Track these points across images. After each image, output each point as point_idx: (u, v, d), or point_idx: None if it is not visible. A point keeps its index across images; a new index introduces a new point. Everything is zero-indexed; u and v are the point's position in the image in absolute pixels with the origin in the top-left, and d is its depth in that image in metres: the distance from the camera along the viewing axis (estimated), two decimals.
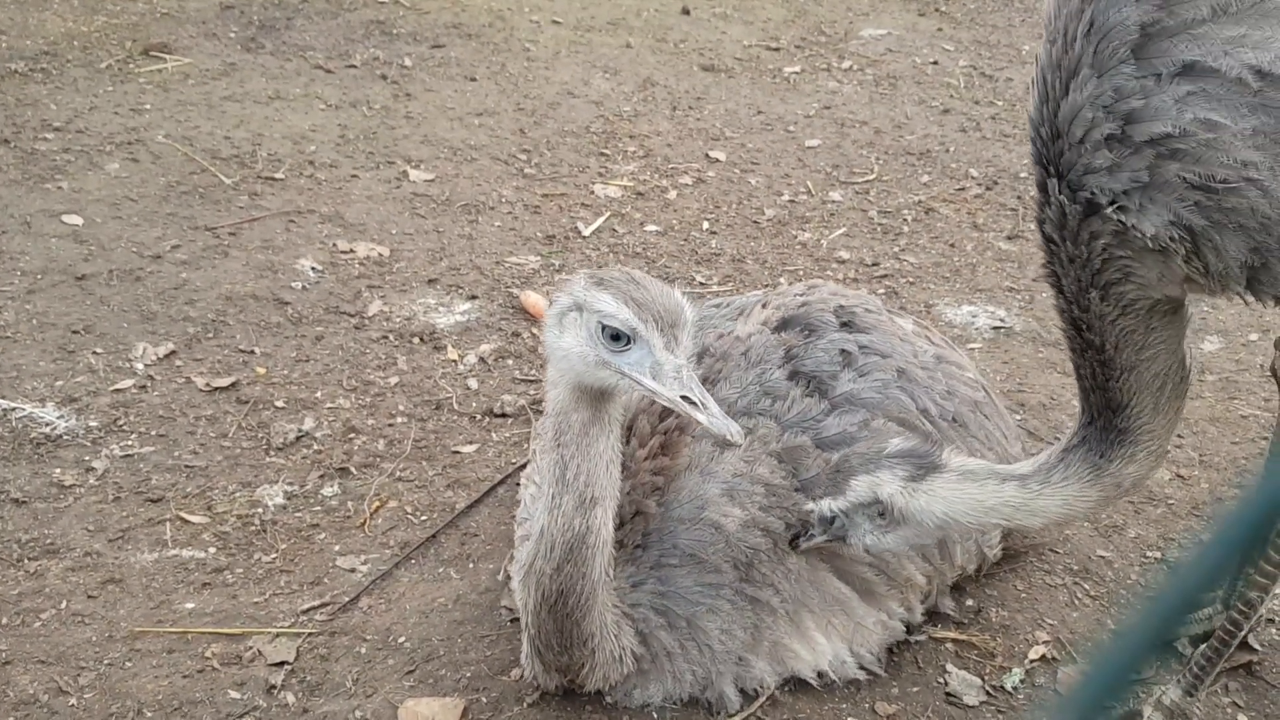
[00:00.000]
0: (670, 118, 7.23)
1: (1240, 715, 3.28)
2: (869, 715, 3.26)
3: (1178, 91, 2.18)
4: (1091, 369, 2.63)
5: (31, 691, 3.22)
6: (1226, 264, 2.30)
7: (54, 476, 3.98)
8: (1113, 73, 2.24)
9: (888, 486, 2.84)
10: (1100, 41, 2.24)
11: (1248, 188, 2.18)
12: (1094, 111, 2.27)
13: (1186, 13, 2.16)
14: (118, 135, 6.36)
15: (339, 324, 4.98)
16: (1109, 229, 2.38)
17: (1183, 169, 2.22)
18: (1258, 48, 2.11)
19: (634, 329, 2.58)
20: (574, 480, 2.81)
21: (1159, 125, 2.20)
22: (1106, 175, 2.31)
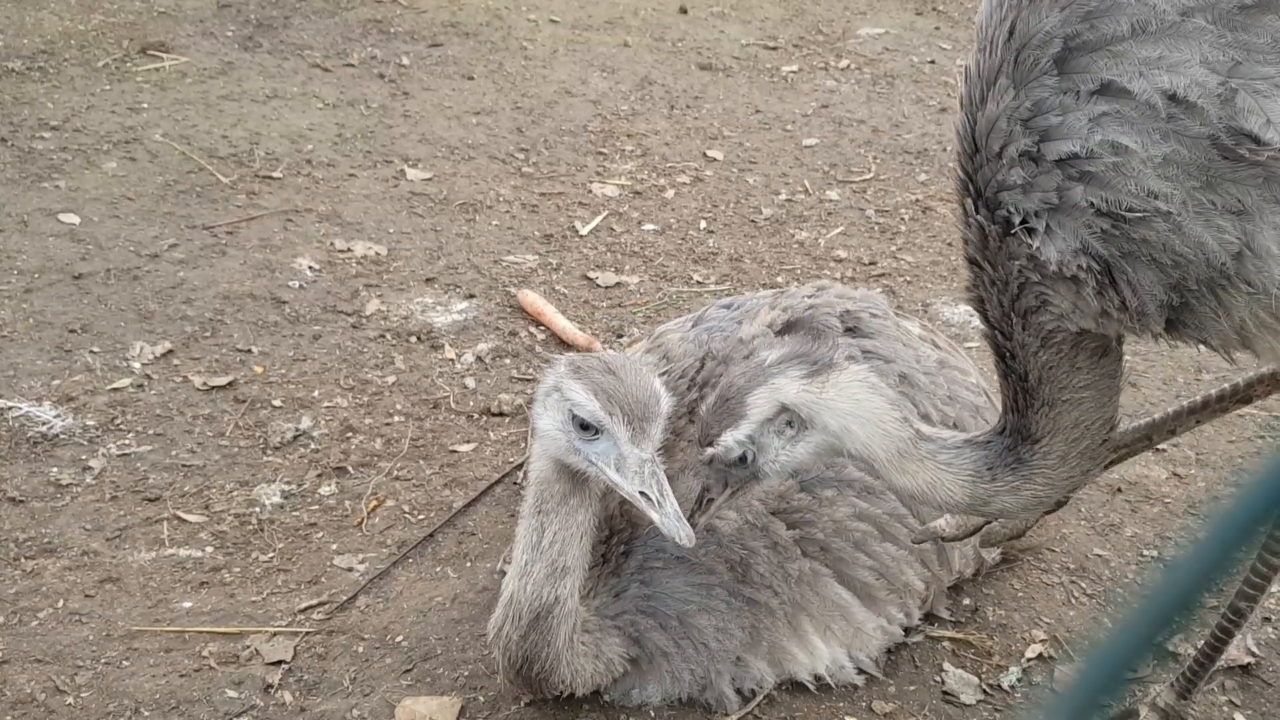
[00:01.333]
0: (668, 117, 7.24)
1: (1237, 714, 3.29)
2: (866, 714, 3.26)
3: (1093, 110, 2.05)
4: (1014, 393, 2.51)
5: (29, 690, 3.22)
6: (1142, 301, 2.16)
7: (51, 475, 3.98)
8: (1033, 85, 2.11)
9: (790, 388, 2.60)
10: (1021, 50, 2.11)
11: (1157, 220, 2.05)
12: (1011, 125, 2.15)
13: (1107, 27, 2.02)
14: (115, 134, 6.36)
15: (336, 323, 4.97)
16: (1024, 251, 2.24)
17: (1089, 193, 2.09)
18: (1173, 70, 1.97)
19: (600, 421, 2.64)
20: (548, 548, 2.86)
21: (1069, 144, 2.08)
22: (1020, 193, 2.18)
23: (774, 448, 2.68)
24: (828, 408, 2.60)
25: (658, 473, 2.62)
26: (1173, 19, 1.97)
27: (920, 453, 2.61)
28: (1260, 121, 1.90)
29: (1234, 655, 3.43)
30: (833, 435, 2.64)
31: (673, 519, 2.59)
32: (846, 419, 2.60)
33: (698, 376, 3.32)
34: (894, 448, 2.60)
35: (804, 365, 2.63)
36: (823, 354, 2.67)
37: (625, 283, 5.44)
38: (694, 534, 2.59)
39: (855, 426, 2.60)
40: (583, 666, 3.05)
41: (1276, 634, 3.55)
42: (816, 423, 2.63)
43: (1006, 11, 2.17)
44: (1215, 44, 1.95)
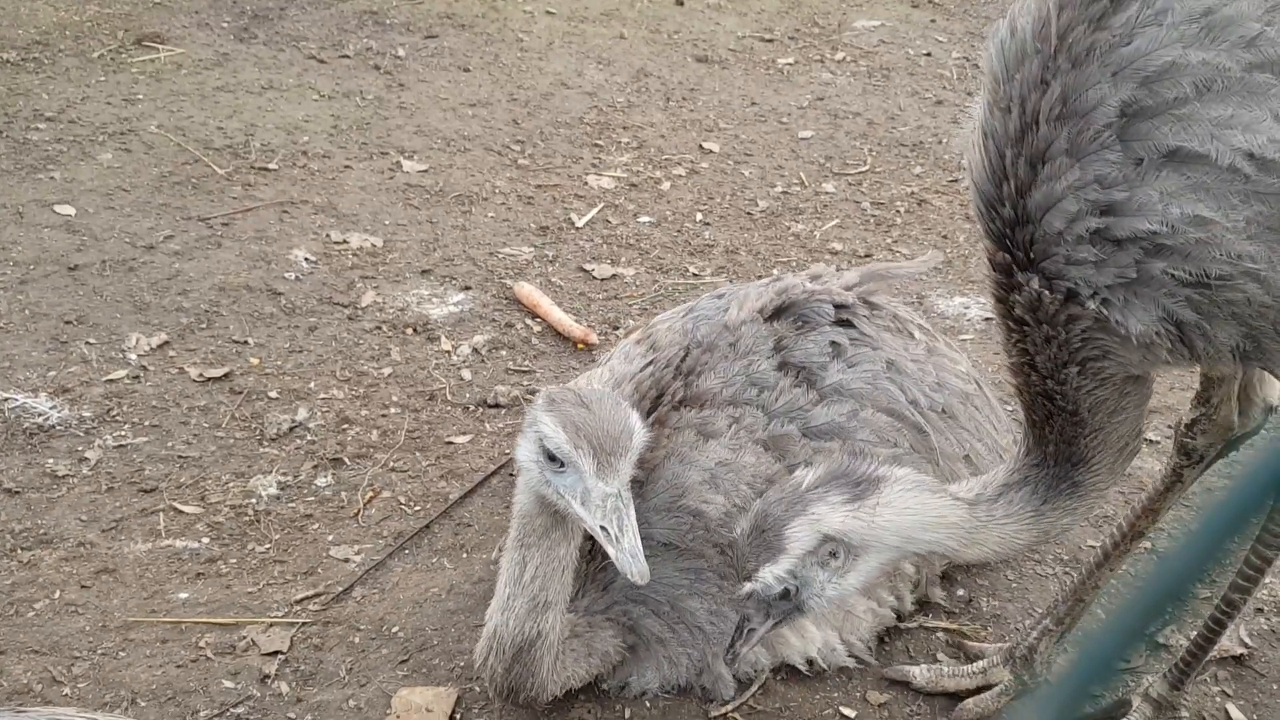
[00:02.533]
0: (664, 109, 7.23)
1: (1230, 705, 3.31)
2: (860, 704, 3.28)
3: (1165, 184, 1.99)
4: (1060, 429, 2.48)
5: (25, 681, 3.23)
6: (1217, 349, 2.16)
7: (47, 467, 3.98)
8: (1093, 159, 2.03)
9: (834, 517, 2.48)
10: (1077, 122, 2.03)
11: (1245, 281, 2.01)
12: (1077, 204, 2.07)
13: (1168, 91, 1.96)
14: (110, 125, 6.35)
15: (332, 315, 4.97)
16: (1091, 314, 2.19)
17: (1171, 266, 2.04)
18: (1248, 130, 1.92)
19: (566, 454, 2.66)
20: (530, 583, 2.89)
21: (1144, 223, 2.01)
22: (1092, 270, 2.12)
23: (819, 581, 2.57)
24: (885, 530, 2.50)
25: (620, 507, 2.63)
26: (1238, 75, 1.93)
27: (981, 521, 2.58)
28: None
29: (1227, 646, 3.45)
30: (894, 550, 2.57)
31: (627, 555, 2.59)
32: (908, 533, 2.52)
33: (682, 365, 3.33)
34: (961, 534, 2.57)
35: (845, 488, 2.51)
36: (864, 471, 2.56)
37: (621, 275, 5.44)
38: (647, 571, 2.60)
39: (918, 534, 2.54)
40: (574, 672, 3.08)
41: (1269, 625, 3.57)
42: (873, 547, 2.53)
43: (1043, 73, 2.08)
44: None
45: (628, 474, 2.68)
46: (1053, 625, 3.25)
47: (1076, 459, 2.53)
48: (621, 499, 2.64)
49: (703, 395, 3.24)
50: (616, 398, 2.84)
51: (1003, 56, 2.17)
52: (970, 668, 3.34)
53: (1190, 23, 1.95)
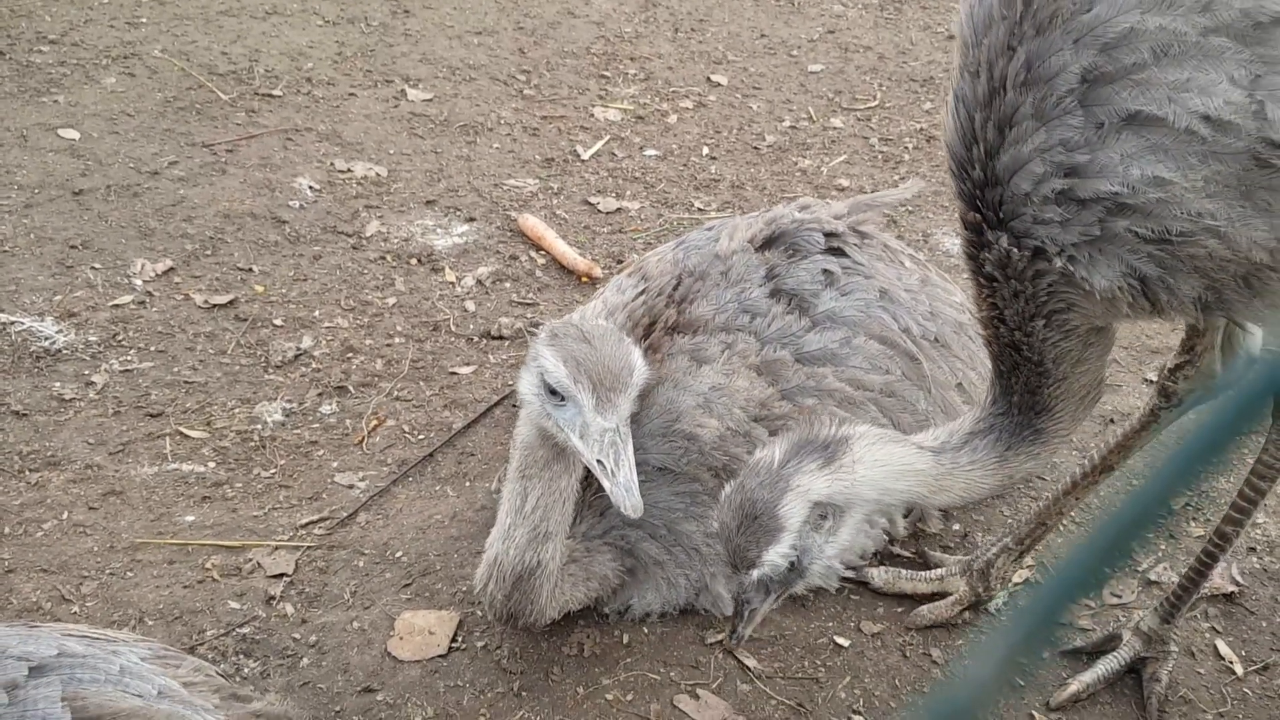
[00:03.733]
0: (672, 40, 7.15)
1: (1219, 640, 3.36)
2: (854, 634, 3.34)
3: (1124, 145, 2.06)
4: (1025, 379, 2.57)
5: (34, 599, 3.29)
6: (1180, 301, 2.23)
7: (54, 390, 4.02)
8: (1057, 123, 2.11)
9: (817, 484, 2.56)
10: (1042, 88, 2.10)
11: (1206, 237, 2.09)
12: (1042, 166, 2.15)
13: (1127, 57, 2.02)
14: (114, 49, 6.29)
15: (337, 244, 4.97)
16: (1057, 270, 2.28)
17: (1134, 224, 2.12)
18: (1204, 92, 1.98)
19: (566, 388, 2.68)
20: (531, 513, 2.92)
21: (1105, 184, 2.09)
22: (1058, 229, 2.21)
23: (816, 545, 2.64)
24: (863, 484, 2.59)
25: (617, 441, 2.66)
26: (1194, 39, 1.97)
27: (946, 468, 2.67)
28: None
29: (1218, 584, 3.50)
30: (873, 503, 2.65)
31: (622, 488, 2.62)
32: (883, 484, 2.61)
33: (675, 292, 3.34)
34: (929, 480, 2.66)
35: (817, 455, 2.59)
36: (828, 435, 2.63)
37: (626, 208, 5.42)
38: (641, 505, 2.62)
39: (892, 484, 2.63)
40: (573, 596, 3.13)
41: (1261, 564, 3.62)
42: (855, 503, 2.62)
43: (1010, 39, 2.14)
44: (1237, 60, 1.96)
45: (627, 409, 2.70)
46: (1012, 544, 3.34)
47: (1040, 407, 2.62)
48: (620, 434, 2.66)
49: (695, 322, 3.26)
50: (619, 333, 2.85)
51: (972, 22, 2.23)
52: (928, 574, 3.45)
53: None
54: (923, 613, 3.38)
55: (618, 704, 3.10)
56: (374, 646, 3.21)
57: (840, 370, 3.25)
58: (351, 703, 3.06)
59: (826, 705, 3.13)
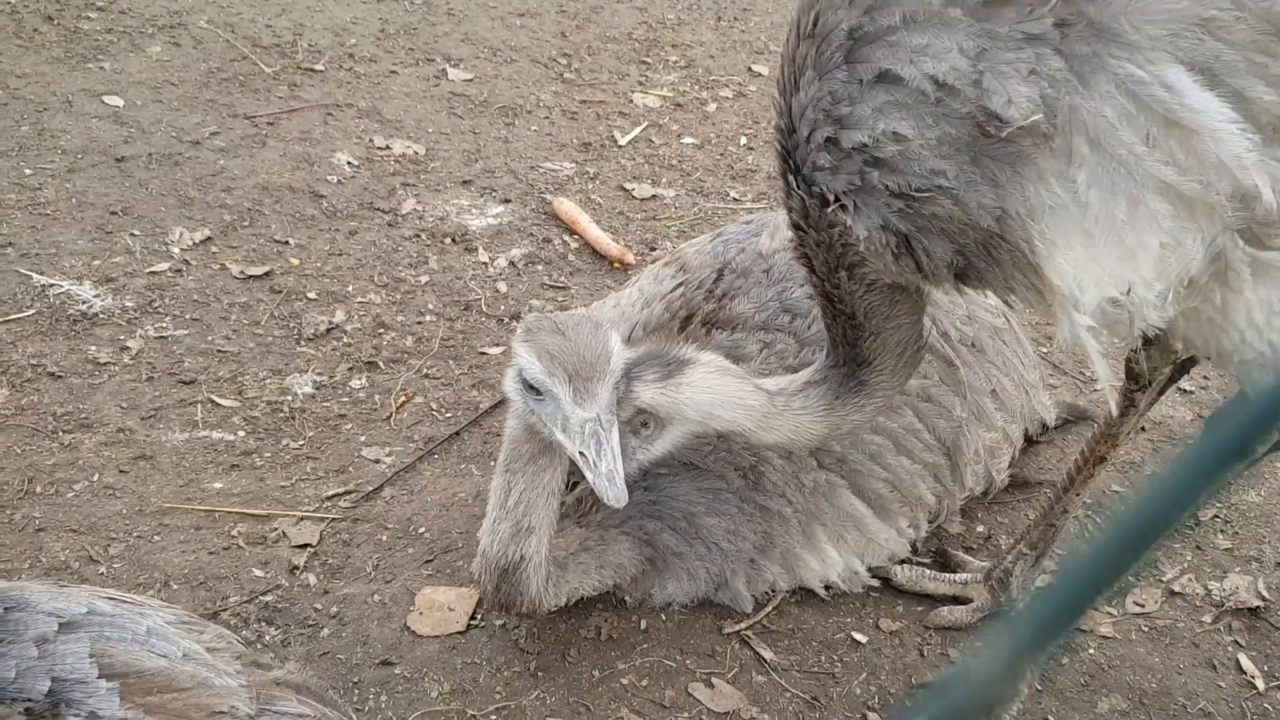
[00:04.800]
0: (714, 28, 7.12)
1: (1241, 654, 3.33)
2: (873, 630, 3.33)
3: (875, 100, 2.20)
4: (843, 330, 2.71)
5: (63, 559, 3.34)
6: (935, 264, 2.34)
7: (89, 353, 4.07)
8: (829, 76, 2.25)
9: (646, 392, 2.77)
10: (821, 43, 2.25)
11: (940, 196, 2.20)
12: (816, 113, 2.29)
13: (884, 19, 2.16)
14: (160, 18, 6.34)
15: (372, 220, 5.00)
16: (840, 220, 2.41)
17: (883, 177, 2.25)
18: (936, 58, 2.11)
19: (542, 383, 2.66)
20: (514, 508, 2.92)
21: (859, 134, 2.23)
22: (829, 175, 2.34)
23: (630, 446, 2.85)
24: (687, 404, 2.79)
25: (599, 431, 2.62)
26: (936, 9, 2.11)
27: (778, 409, 2.83)
28: (1002, 101, 2.07)
29: (1243, 598, 3.47)
30: (695, 424, 2.85)
31: (604, 479, 2.60)
32: (707, 408, 2.80)
33: (715, 287, 3.32)
34: (757, 416, 2.82)
35: (658, 367, 2.79)
36: (676, 354, 2.82)
37: (661, 195, 5.42)
38: (624, 495, 2.60)
39: (718, 411, 2.80)
40: (582, 583, 3.14)
41: None
42: (677, 418, 2.83)
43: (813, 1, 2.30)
44: (968, 32, 2.09)
45: (607, 397, 2.65)
46: (1026, 549, 3.35)
47: (861, 359, 2.77)
48: (601, 423, 2.63)
49: (735, 318, 3.24)
50: (596, 322, 2.81)
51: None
52: (952, 577, 3.47)
53: None
54: (942, 614, 3.38)
55: (633, 689, 3.11)
56: (394, 620, 3.24)
57: None
58: (370, 674, 3.09)
59: (841, 700, 3.13)
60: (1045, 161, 2.11)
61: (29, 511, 3.47)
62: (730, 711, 3.07)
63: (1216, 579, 3.56)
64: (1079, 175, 2.08)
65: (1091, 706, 3.16)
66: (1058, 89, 2.05)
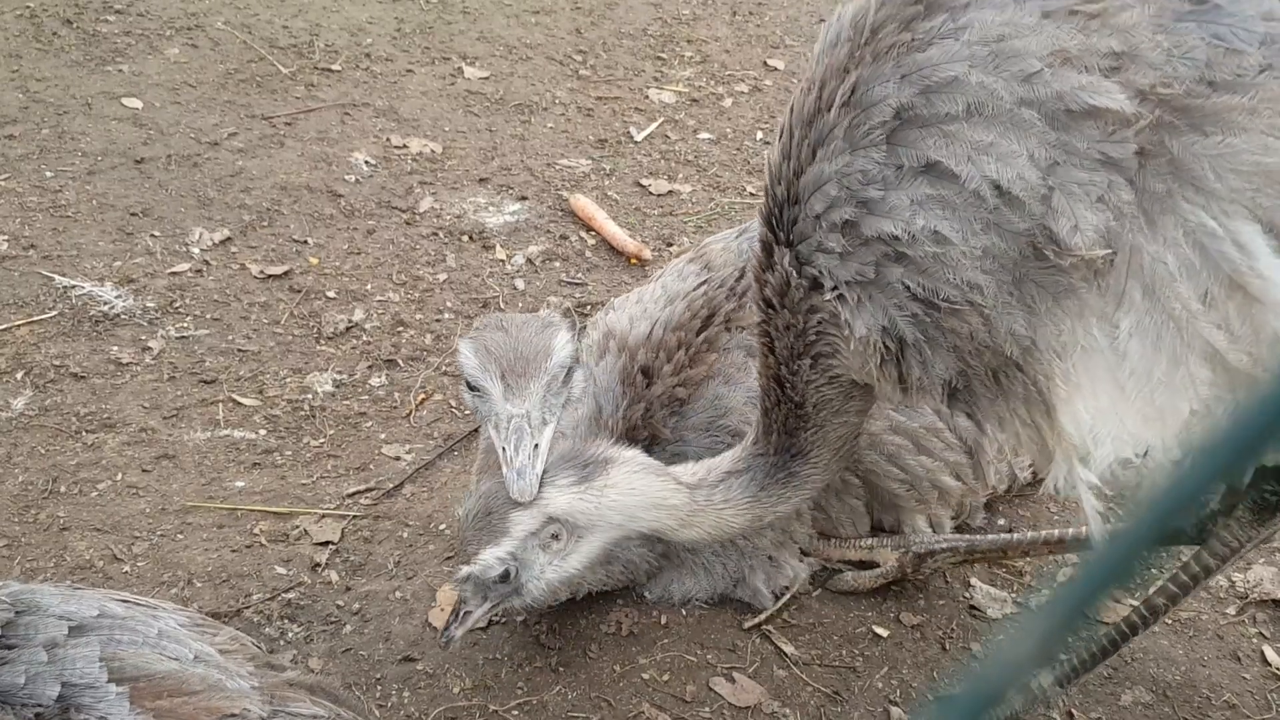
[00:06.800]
0: (730, 23, 7.11)
1: (1266, 646, 3.31)
2: (894, 624, 3.32)
3: (916, 191, 2.01)
4: (784, 418, 2.56)
5: (88, 557, 3.37)
6: (930, 379, 2.17)
7: (111, 354, 4.10)
8: (862, 153, 2.06)
9: (560, 499, 2.52)
10: (858, 114, 2.06)
11: (970, 313, 2.04)
12: (838, 190, 2.10)
13: (942, 105, 1.98)
14: (178, 20, 6.38)
15: (390, 218, 5.02)
16: (827, 308, 2.25)
17: (907, 276, 2.07)
18: (1002, 160, 1.94)
19: (477, 379, 2.61)
20: None
21: (890, 224, 2.04)
22: (836, 260, 2.16)
23: (539, 563, 2.61)
24: (610, 510, 2.55)
25: (524, 428, 2.54)
26: (1008, 106, 1.93)
27: (699, 504, 2.64)
28: (1068, 226, 1.91)
29: (1268, 589, 3.44)
30: (616, 529, 2.62)
31: (513, 474, 2.50)
32: (631, 511, 2.57)
33: (737, 285, 3.31)
34: (679, 516, 2.63)
35: (573, 470, 2.56)
36: (593, 454, 2.60)
37: (678, 191, 5.42)
38: (530, 489, 2.50)
39: (641, 513, 2.59)
40: (589, 579, 3.13)
41: None
42: (597, 527, 2.59)
43: (848, 61, 2.11)
44: (1042, 140, 1.92)
45: (542, 395, 2.59)
46: (962, 546, 3.28)
47: (796, 450, 2.62)
48: (529, 419, 2.56)
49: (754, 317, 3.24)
50: (546, 320, 2.76)
51: (824, 39, 2.22)
52: (860, 542, 3.36)
53: (983, 45, 1.97)
54: (845, 578, 3.36)
55: (654, 684, 3.11)
56: (415, 616, 3.26)
57: None
58: (392, 671, 3.10)
59: (863, 695, 3.13)
60: (1091, 299, 1.94)
61: (53, 511, 3.50)
62: (751, 706, 3.07)
63: (1240, 571, 3.53)
64: (1123, 321, 1.92)
65: (1115, 699, 3.14)
66: (1122, 224, 1.89)
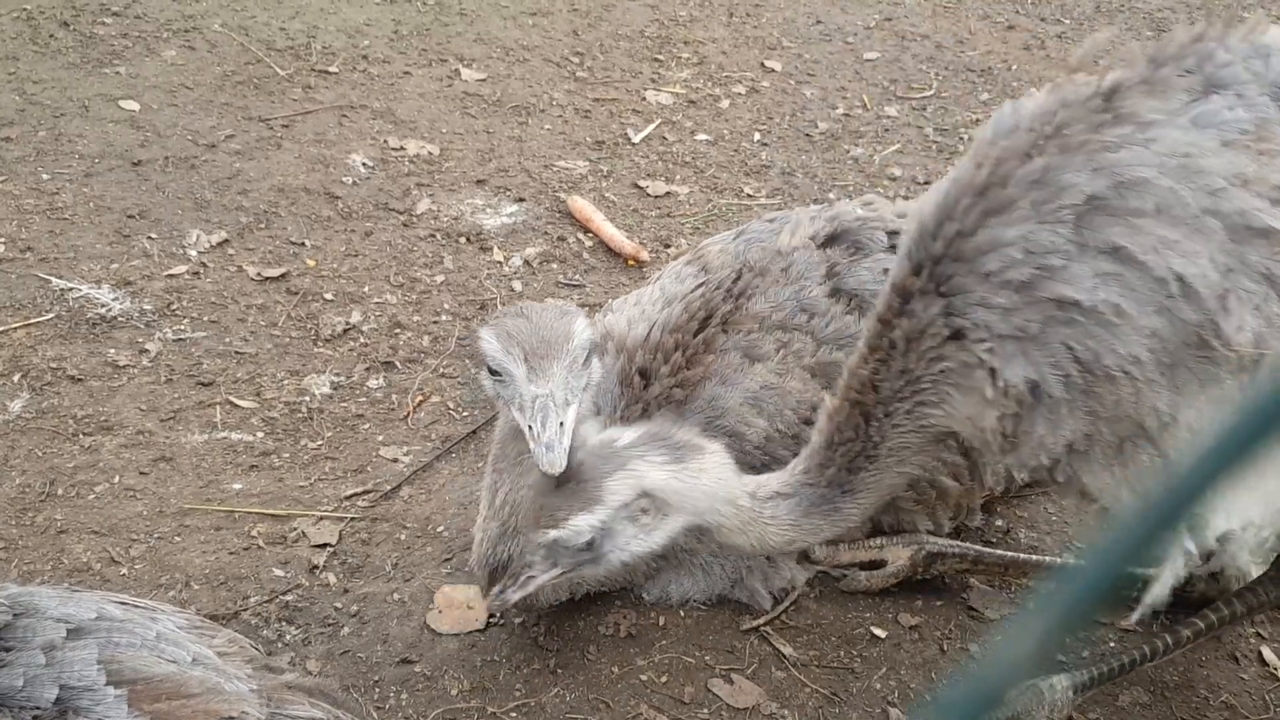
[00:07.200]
0: (726, 24, 7.12)
1: (1264, 646, 3.32)
2: (893, 625, 3.32)
3: (1100, 268, 2.24)
4: (853, 455, 2.63)
5: (85, 560, 3.37)
6: (1054, 438, 2.34)
7: (109, 356, 4.10)
8: (1049, 227, 2.27)
9: (657, 475, 2.53)
10: (1049, 193, 2.27)
11: (1125, 382, 2.23)
12: (1019, 254, 2.29)
13: (1134, 200, 2.21)
14: (175, 22, 6.37)
15: (388, 220, 5.02)
16: (960, 358, 2.40)
17: (1073, 339, 2.27)
18: (1187, 258, 2.18)
19: (500, 362, 2.63)
20: (500, 508, 2.92)
21: (1071, 290, 2.25)
22: (999, 315, 2.33)
23: (626, 534, 2.60)
24: (700, 493, 2.57)
25: (549, 406, 2.55)
26: (1194, 212, 2.18)
27: (754, 514, 2.69)
28: (1235, 325, 2.15)
29: None
30: (697, 515, 2.62)
31: (542, 449, 2.50)
32: (714, 501, 2.59)
33: (734, 287, 3.30)
34: (743, 519, 2.67)
35: (665, 449, 2.56)
36: (681, 438, 2.60)
37: (675, 192, 5.42)
38: (559, 462, 2.49)
39: (720, 506, 2.61)
40: (584, 579, 3.14)
41: None
42: (685, 508, 2.59)
43: (1030, 148, 2.33)
44: (1222, 248, 2.18)
45: (564, 377, 2.60)
46: (972, 554, 3.34)
47: (849, 489, 2.70)
48: (554, 399, 2.56)
49: (751, 318, 3.23)
50: (565, 309, 2.77)
51: (996, 127, 2.44)
52: (869, 542, 3.37)
53: (1172, 157, 2.23)
54: (859, 578, 3.37)
55: (652, 685, 3.11)
56: (413, 618, 3.26)
57: None
58: (390, 673, 3.10)
59: (861, 696, 3.13)
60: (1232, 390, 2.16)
61: (51, 514, 3.50)
62: (750, 707, 3.07)
63: None
64: None
65: (1113, 699, 3.14)
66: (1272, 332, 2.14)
